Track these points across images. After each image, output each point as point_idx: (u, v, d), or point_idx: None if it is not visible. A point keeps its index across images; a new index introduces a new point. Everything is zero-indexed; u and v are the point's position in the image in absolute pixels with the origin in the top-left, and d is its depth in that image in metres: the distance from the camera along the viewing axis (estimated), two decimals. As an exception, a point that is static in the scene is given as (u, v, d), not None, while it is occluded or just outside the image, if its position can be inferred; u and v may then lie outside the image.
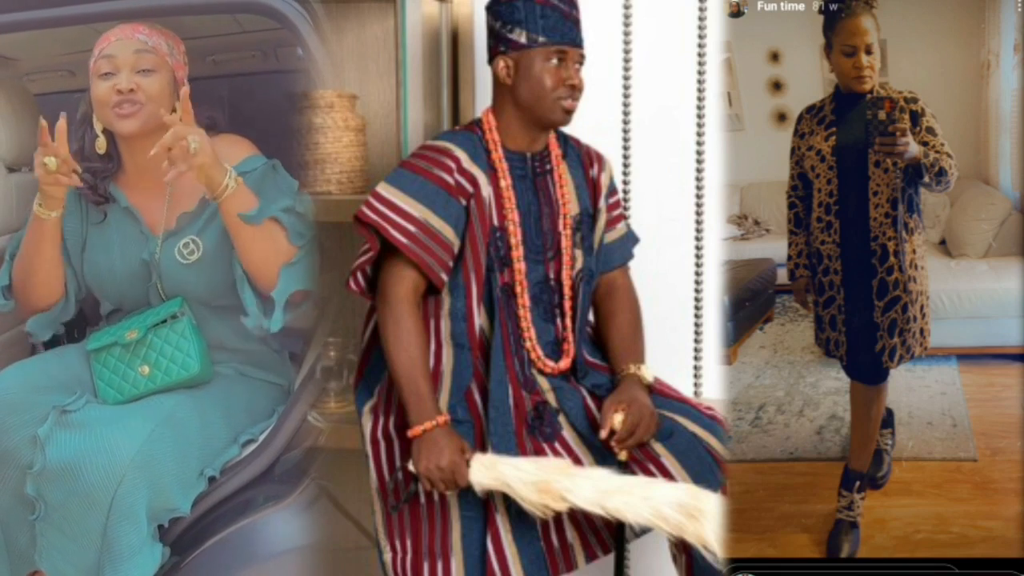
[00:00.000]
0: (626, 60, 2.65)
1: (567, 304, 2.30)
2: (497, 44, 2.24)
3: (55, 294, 2.64)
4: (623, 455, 2.21)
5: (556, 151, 2.32)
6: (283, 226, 2.50)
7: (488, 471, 2.12)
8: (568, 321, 2.30)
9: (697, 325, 2.66)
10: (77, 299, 2.70)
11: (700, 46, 2.61)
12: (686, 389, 2.52)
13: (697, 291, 2.66)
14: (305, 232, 2.51)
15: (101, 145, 2.61)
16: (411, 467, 2.15)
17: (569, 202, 2.31)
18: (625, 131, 2.66)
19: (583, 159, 2.35)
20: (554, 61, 2.21)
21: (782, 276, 2.64)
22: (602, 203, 2.36)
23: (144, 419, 2.45)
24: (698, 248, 2.65)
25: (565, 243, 2.29)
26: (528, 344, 2.26)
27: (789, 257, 2.61)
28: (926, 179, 2.44)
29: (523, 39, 2.21)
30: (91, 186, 2.61)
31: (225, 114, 2.74)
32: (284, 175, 2.59)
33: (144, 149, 2.54)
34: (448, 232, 2.19)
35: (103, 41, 2.58)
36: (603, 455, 2.22)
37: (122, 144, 2.63)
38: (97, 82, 2.56)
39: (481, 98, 2.63)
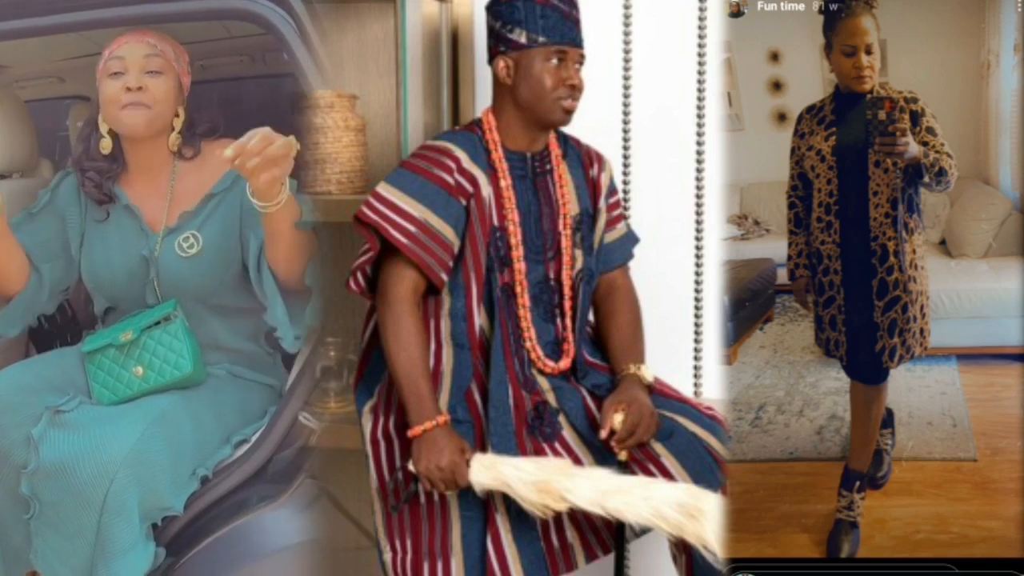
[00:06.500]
0: (626, 60, 2.65)
1: (567, 304, 2.30)
2: (497, 44, 2.24)
3: (15, 283, 2.63)
4: (623, 455, 2.20)
5: (556, 151, 2.31)
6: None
7: (488, 471, 2.12)
8: (568, 321, 2.30)
9: (697, 325, 2.66)
10: (55, 291, 2.70)
11: (700, 46, 2.61)
12: (686, 389, 2.52)
13: (697, 291, 2.66)
14: (309, 223, 2.54)
15: (106, 145, 2.65)
16: (411, 467, 2.15)
17: (569, 202, 2.30)
18: (625, 131, 2.66)
19: (583, 159, 2.35)
20: (554, 61, 2.21)
21: (782, 276, 2.64)
22: (602, 203, 2.35)
23: (137, 419, 2.47)
24: (698, 248, 2.65)
25: (565, 243, 2.29)
26: (528, 344, 2.26)
27: (789, 257, 2.61)
28: (926, 179, 2.44)
29: (523, 39, 2.21)
30: (96, 184, 2.65)
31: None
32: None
33: (148, 150, 2.63)
34: (448, 232, 2.18)
35: (113, 45, 2.63)
36: (603, 455, 2.22)
37: (127, 145, 2.66)
38: (106, 81, 2.61)
39: (481, 98, 2.63)
